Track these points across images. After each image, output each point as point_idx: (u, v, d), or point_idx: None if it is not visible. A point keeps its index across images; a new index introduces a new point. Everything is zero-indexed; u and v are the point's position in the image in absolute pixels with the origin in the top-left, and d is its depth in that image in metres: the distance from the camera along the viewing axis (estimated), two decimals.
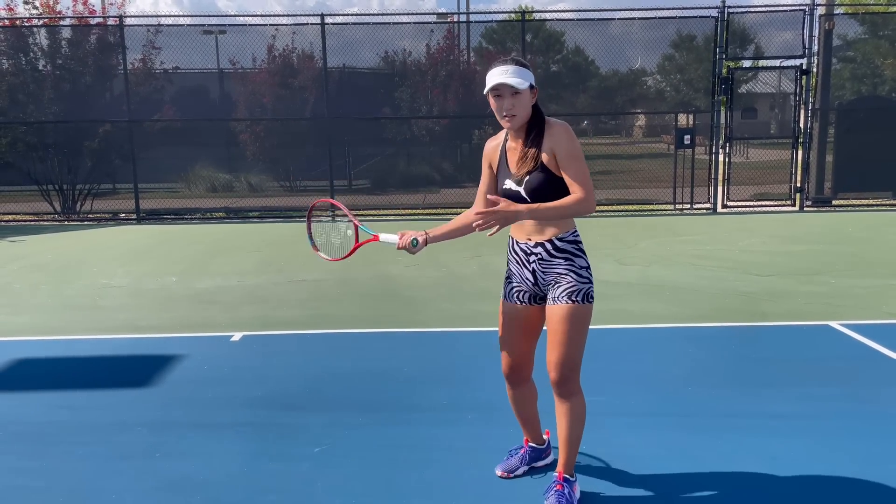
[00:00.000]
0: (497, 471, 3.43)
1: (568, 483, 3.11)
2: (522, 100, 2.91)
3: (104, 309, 6.63)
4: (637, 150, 18.62)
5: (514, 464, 3.44)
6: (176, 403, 4.34)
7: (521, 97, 2.91)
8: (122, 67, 12.69)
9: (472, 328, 5.85)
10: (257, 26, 14.09)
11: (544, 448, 3.50)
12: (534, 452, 3.47)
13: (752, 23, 13.21)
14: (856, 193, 13.15)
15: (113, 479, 3.44)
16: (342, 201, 13.29)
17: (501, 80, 2.88)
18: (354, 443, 3.77)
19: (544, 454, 3.50)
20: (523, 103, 2.92)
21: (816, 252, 8.81)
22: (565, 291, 2.98)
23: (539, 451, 3.48)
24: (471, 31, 15.16)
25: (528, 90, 2.92)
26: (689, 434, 3.81)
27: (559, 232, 3.00)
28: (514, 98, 2.91)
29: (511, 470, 3.42)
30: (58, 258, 9.19)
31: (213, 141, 14.51)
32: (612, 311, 6.01)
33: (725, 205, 12.86)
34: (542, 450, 3.49)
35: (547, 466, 3.48)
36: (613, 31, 13.23)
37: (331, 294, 7.06)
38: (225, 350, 5.39)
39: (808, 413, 4.05)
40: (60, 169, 13.23)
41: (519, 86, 2.87)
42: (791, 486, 3.30)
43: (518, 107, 2.92)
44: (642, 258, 8.53)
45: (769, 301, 6.48)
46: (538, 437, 3.48)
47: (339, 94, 13.55)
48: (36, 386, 4.70)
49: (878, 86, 14.26)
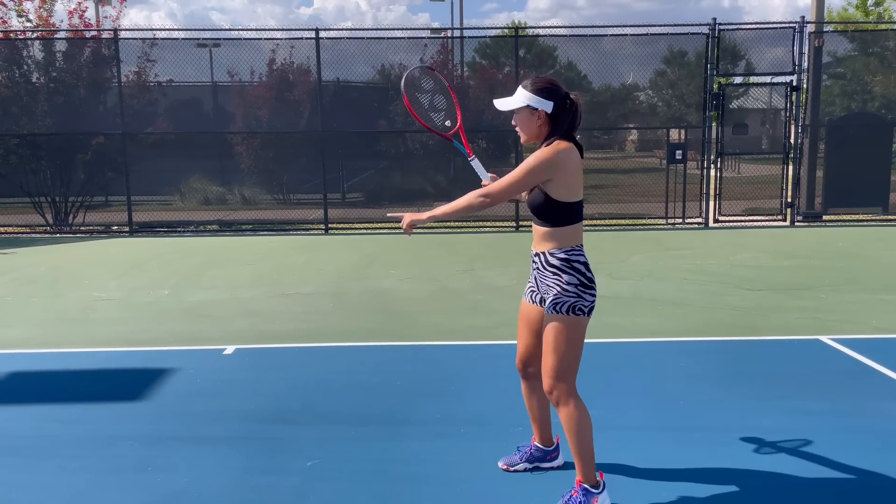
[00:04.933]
0: (499, 462, 3.59)
1: (585, 493, 3.13)
2: (521, 119, 3.14)
3: (96, 322, 6.62)
4: (629, 165, 18.71)
5: (514, 459, 3.58)
6: (168, 417, 4.33)
7: (520, 116, 3.13)
8: (117, 80, 12.71)
9: (466, 342, 5.86)
10: (251, 40, 14.14)
11: (551, 450, 3.57)
12: (538, 452, 3.56)
13: (742, 39, 13.32)
14: (846, 209, 13.22)
15: (105, 493, 3.44)
16: (336, 215, 13.39)
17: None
18: (347, 456, 3.77)
19: (550, 456, 3.57)
20: (522, 122, 3.14)
21: (807, 267, 8.87)
22: (550, 302, 3.09)
23: (545, 453, 3.56)
24: (464, 45, 15.26)
25: (527, 110, 3.09)
26: (681, 448, 3.83)
27: (552, 247, 3.10)
28: (514, 117, 3.14)
29: (510, 464, 3.57)
30: (50, 271, 9.16)
31: (206, 153, 14.48)
32: (604, 325, 6.03)
33: (717, 219, 12.94)
34: (548, 451, 3.56)
35: (552, 469, 3.55)
36: (606, 47, 13.32)
37: (323, 307, 7.06)
38: (217, 363, 5.38)
39: (799, 427, 4.07)
40: (53, 181, 13.21)
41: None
42: (783, 499, 3.32)
43: (520, 125, 3.15)
44: (634, 272, 8.56)
45: (760, 315, 6.52)
46: (546, 438, 3.55)
47: (333, 107, 13.59)
48: (27, 399, 4.69)
49: (868, 102, 14.39)
